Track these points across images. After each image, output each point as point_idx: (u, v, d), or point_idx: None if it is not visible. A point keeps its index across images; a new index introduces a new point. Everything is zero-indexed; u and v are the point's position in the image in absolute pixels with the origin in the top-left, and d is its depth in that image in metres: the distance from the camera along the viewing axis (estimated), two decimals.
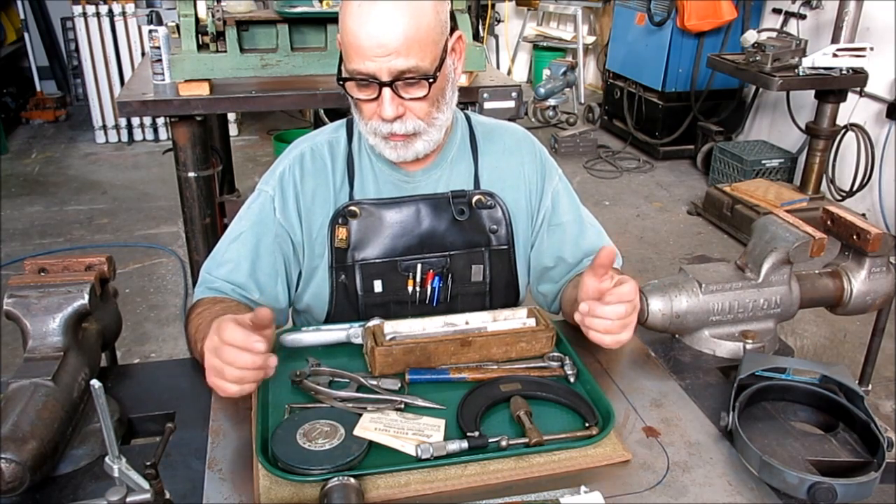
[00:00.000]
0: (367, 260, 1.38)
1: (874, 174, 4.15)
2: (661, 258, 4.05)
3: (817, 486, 0.98)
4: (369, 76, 1.20)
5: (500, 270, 1.45)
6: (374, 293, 1.39)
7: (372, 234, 1.37)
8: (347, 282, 1.38)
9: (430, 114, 1.27)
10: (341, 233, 1.36)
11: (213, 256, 1.40)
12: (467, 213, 1.40)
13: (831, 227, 1.45)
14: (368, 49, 1.18)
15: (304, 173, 1.38)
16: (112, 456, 0.85)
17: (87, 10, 5.34)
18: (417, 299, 1.40)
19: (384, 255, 1.38)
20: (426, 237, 1.39)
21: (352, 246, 1.37)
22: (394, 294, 1.40)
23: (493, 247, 1.43)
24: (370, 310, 1.38)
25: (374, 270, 1.38)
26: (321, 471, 0.99)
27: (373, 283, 1.38)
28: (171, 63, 2.51)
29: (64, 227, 4.30)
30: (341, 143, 1.41)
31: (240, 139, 5.78)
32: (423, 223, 1.39)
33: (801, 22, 4.72)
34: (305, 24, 2.56)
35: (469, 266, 1.42)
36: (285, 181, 1.38)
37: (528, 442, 1.05)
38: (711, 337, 1.37)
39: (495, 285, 1.45)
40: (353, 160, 1.39)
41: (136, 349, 3.12)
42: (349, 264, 1.38)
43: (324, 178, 1.38)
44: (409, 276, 1.39)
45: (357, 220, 1.37)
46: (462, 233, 1.41)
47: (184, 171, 2.63)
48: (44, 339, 1.11)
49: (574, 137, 5.65)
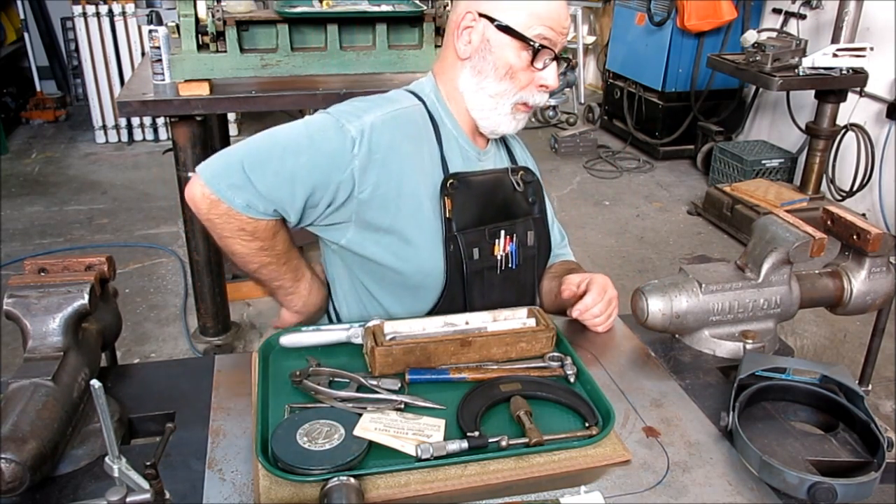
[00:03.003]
0: (468, 229, 1.42)
1: (874, 174, 4.15)
2: (661, 258, 4.05)
3: (817, 486, 0.98)
4: (553, 45, 1.32)
5: (543, 237, 1.56)
6: (473, 260, 1.44)
7: (467, 205, 1.42)
8: (454, 252, 1.41)
9: None
10: (448, 204, 1.39)
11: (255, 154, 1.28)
12: (521, 186, 1.50)
13: (831, 227, 1.45)
14: (560, 21, 1.33)
15: (404, 135, 1.34)
16: (112, 456, 0.85)
17: (87, 10, 5.33)
18: (503, 264, 1.48)
19: (478, 224, 1.44)
20: (502, 207, 1.48)
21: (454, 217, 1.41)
22: (486, 261, 1.46)
23: (535, 216, 1.54)
24: (472, 277, 1.43)
25: (471, 238, 1.43)
26: (321, 471, 0.99)
27: (472, 250, 1.43)
28: (171, 63, 2.51)
29: (64, 227, 4.30)
30: (425, 115, 1.41)
31: (240, 139, 5.77)
32: (497, 194, 1.47)
33: (801, 22, 4.71)
34: (305, 24, 2.56)
35: (526, 232, 1.51)
36: (377, 132, 1.30)
37: (528, 442, 1.05)
38: (711, 337, 1.37)
39: (541, 250, 1.57)
40: (440, 134, 1.41)
41: (136, 349, 3.12)
42: (454, 234, 1.41)
43: (418, 146, 1.37)
44: (495, 243, 1.46)
45: (456, 192, 1.40)
46: (520, 203, 1.51)
47: (184, 171, 2.63)
48: (44, 339, 1.11)
49: (574, 137, 5.65)
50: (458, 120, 1.42)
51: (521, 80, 1.34)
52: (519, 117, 1.40)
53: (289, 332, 1.33)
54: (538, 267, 1.58)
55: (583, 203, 4.68)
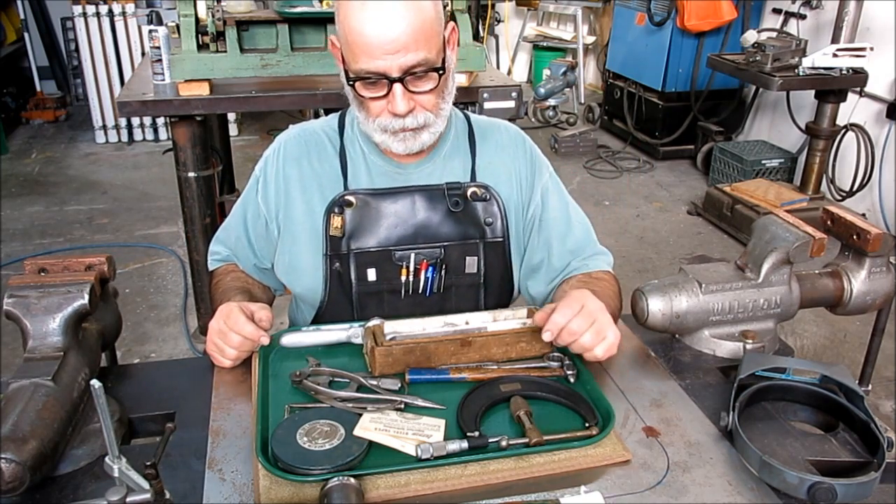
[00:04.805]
0: (362, 249, 1.40)
1: (874, 174, 4.15)
2: (661, 258, 4.05)
3: (817, 486, 0.98)
4: (379, 74, 1.21)
5: (495, 263, 1.45)
6: (367, 281, 1.41)
7: (367, 224, 1.39)
8: (342, 270, 1.40)
9: (438, 105, 1.29)
10: (336, 221, 1.38)
11: (221, 227, 1.55)
12: (462, 205, 1.41)
13: (831, 227, 1.45)
14: (377, 47, 1.18)
15: (289, 159, 1.42)
16: (112, 456, 0.85)
17: (87, 10, 5.34)
18: (411, 289, 1.42)
19: (379, 245, 1.40)
20: (420, 228, 1.41)
21: (347, 235, 1.39)
22: (387, 283, 1.41)
23: (488, 239, 1.43)
24: (363, 298, 1.41)
25: (368, 259, 1.40)
26: (321, 471, 0.99)
27: (367, 271, 1.40)
28: (171, 63, 2.51)
29: (64, 227, 4.30)
30: (332, 133, 1.43)
31: (240, 139, 5.77)
32: (418, 214, 1.40)
33: (801, 22, 4.71)
34: (305, 24, 2.57)
35: (463, 257, 1.42)
36: (269, 163, 1.45)
37: (528, 442, 1.05)
38: (711, 337, 1.37)
39: (490, 278, 1.46)
40: (345, 152, 1.41)
41: (136, 349, 3.12)
42: (344, 252, 1.39)
43: (310, 165, 1.41)
44: (403, 266, 1.41)
45: (352, 210, 1.39)
46: (457, 225, 1.41)
47: (184, 171, 2.63)
48: (44, 339, 1.11)
49: (574, 137, 5.65)
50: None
51: (372, 109, 1.27)
52: (398, 137, 1.29)
53: (289, 332, 1.33)
54: (487, 297, 1.46)
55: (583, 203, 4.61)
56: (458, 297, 1.44)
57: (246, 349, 1.25)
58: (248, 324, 1.23)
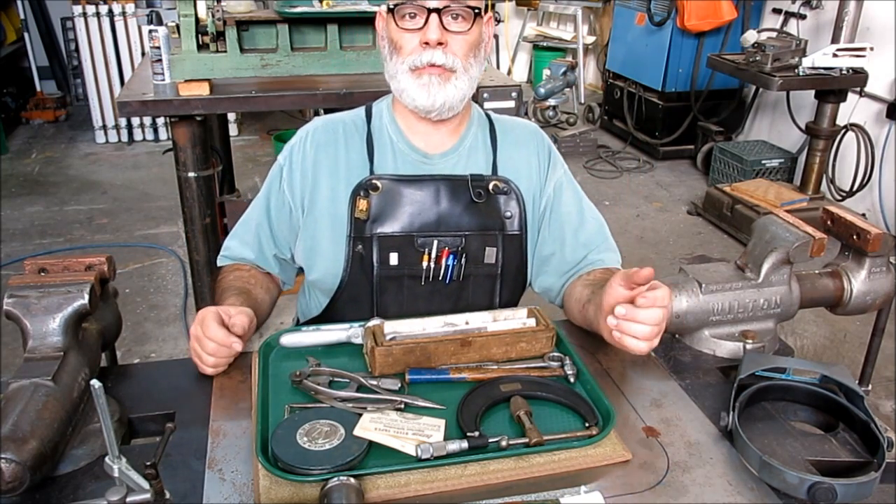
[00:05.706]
0: (385, 233, 1.41)
1: (874, 174, 4.15)
2: (661, 258, 4.05)
3: (817, 486, 0.98)
4: (418, 5, 1.28)
5: (512, 256, 1.48)
6: (389, 265, 1.43)
7: (391, 209, 1.41)
8: (364, 252, 1.42)
9: (468, 58, 1.33)
10: (362, 204, 1.40)
11: (240, 222, 1.53)
12: (484, 197, 1.44)
13: (831, 227, 1.45)
14: None
15: (317, 145, 1.45)
16: (112, 456, 0.85)
17: (87, 10, 5.33)
18: (431, 275, 1.44)
19: (402, 230, 1.42)
20: (443, 216, 1.43)
21: (371, 218, 1.41)
22: (408, 268, 1.43)
23: (507, 232, 1.46)
24: (384, 281, 1.43)
25: (391, 243, 1.42)
26: (321, 471, 0.99)
27: (389, 255, 1.42)
28: (171, 63, 2.51)
29: (64, 227, 4.30)
30: (360, 122, 1.47)
31: (240, 139, 5.77)
32: (441, 203, 1.43)
33: (801, 22, 4.71)
34: (305, 24, 2.56)
35: (483, 248, 1.45)
36: (294, 152, 1.46)
37: (528, 442, 1.05)
38: (711, 337, 1.37)
39: (507, 269, 1.48)
40: (372, 139, 1.44)
41: (136, 349, 3.12)
42: (367, 236, 1.41)
43: (337, 151, 1.44)
44: (425, 252, 1.43)
45: (378, 194, 1.41)
46: (478, 216, 1.44)
47: (184, 171, 2.63)
48: (44, 339, 1.11)
49: (574, 137, 5.65)
50: (401, 125, 1.44)
51: (406, 47, 1.32)
52: (423, 81, 1.32)
53: (289, 332, 1.33)
54: (503, 288, 1.49)
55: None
56: (475, 286, 1.47)
57: (223, 355, 1.23)
58: (220, 329, 1.21)
